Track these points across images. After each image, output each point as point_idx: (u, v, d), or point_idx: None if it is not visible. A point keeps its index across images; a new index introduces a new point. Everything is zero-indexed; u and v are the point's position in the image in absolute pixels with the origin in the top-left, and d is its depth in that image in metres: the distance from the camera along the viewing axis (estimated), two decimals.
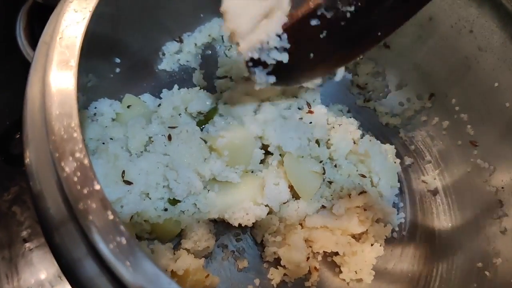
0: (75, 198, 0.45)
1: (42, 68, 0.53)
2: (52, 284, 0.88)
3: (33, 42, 1.11)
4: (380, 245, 0.86)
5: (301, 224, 0.86)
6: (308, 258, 0.83)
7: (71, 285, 0.50)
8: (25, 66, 1.08)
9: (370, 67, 1.02)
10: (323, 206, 0.85)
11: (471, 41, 0.85)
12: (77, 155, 0.47)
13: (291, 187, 0.84)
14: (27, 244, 0.91)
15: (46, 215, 0.49)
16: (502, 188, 0.82)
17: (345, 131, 0.89)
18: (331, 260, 0.87)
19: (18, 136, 1.04)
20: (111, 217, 0.44)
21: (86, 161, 0.46)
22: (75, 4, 0.56)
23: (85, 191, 0.45)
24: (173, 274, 0.73)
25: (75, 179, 0.46)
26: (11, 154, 1.02)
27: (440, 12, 0.87)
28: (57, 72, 0.51)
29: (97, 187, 0.46)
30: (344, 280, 0.84)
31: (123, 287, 0.43)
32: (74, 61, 0.51)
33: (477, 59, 0.85)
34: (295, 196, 0.85)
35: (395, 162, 0.93)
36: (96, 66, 0.80)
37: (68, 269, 0.49)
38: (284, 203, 0.84)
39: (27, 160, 0.53)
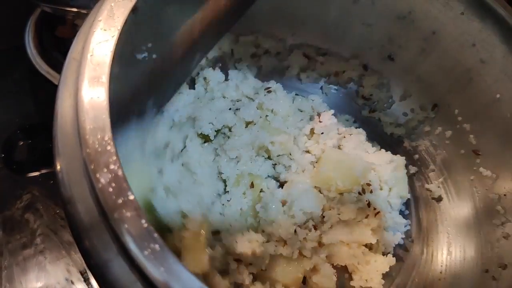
0: (111, 208, 0.48)
1: (73, 84, 0.56)
2: None
3: (42, 51, 1.15)
4: (392, 256, 0.89)
5: (318, 243, 0.88)
6: None
7: (99, 285, 0.53)
8: (33, 74, 1.12)
9: (375, 78, 1.05)
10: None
11: (473, 54, 0.88)
12: (112, 167, 0.49)
13: None
14: (41, 251, 0.93)
15: (76, 218, 0.52)
16: (505, 195, 0.85)
17: (356, 141, 0.92)
18: (341, 266, 0.89)
19: (21, 143, 1.08)
20: (145, 225, 0.47)
21: (120, 173, 0.49)
22: (102, 23, 0.59)
23: (120, 201, 0.48)
24: None
25: (110, 189, 0.48)
26: (15, 162, 1.05)
27: (443, 26, 0.90)
28: (89, 88, 0.53)
29: (131, 197, 0.48)
30: (354, 287, 0.87)
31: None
32: (105, 77, 0.53)
33: (479, 71, 0.88)
34: None
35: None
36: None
37: (97, 270, 0.51)
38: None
39: (58, 168, 0.55)
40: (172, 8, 0.86)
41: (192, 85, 0.96)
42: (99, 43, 0.56)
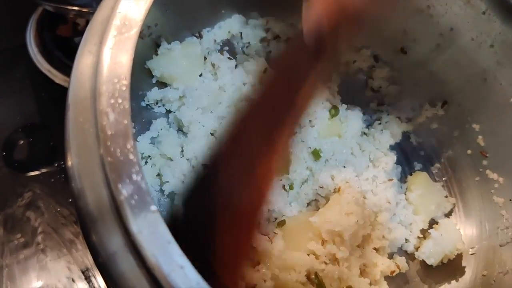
0: (132, 222, 0.45)
1: (89, 83, 0.52)
2: None
3: (44, 49, 1.15)
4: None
5: None
6: None
7: (106, 281, 0.51)
8: (34, 73, 1.12)
9: (386, 71, 1.03)
10: None
11: (490, 55, 0.86)
12: (134, 177, 0.47)
13: None
14: (42, 249, 0.93)
15: (85, 211, 0.50)
16: (510, 200, 0.85)
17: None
18: None
19: (22, 142, 1.07)
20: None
21: (143, 185, 0.46)
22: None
23: (142, 214, 0.46)
24: None
25: (133, 202, 0.46)
26: (16, 160, 1.04)
27: (462, 23, 0.88)
28: (110, 85, 0.50)
29: (153, 207, 0.46)
30: None
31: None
32: (127, 78, 0.50)
33: (495, 73, 0.87)
34: None
35: None
36: None
37: (104, 263, 0.49)
38: None
39: (69, 162, 0.53)
40: None
41: None
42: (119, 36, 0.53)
